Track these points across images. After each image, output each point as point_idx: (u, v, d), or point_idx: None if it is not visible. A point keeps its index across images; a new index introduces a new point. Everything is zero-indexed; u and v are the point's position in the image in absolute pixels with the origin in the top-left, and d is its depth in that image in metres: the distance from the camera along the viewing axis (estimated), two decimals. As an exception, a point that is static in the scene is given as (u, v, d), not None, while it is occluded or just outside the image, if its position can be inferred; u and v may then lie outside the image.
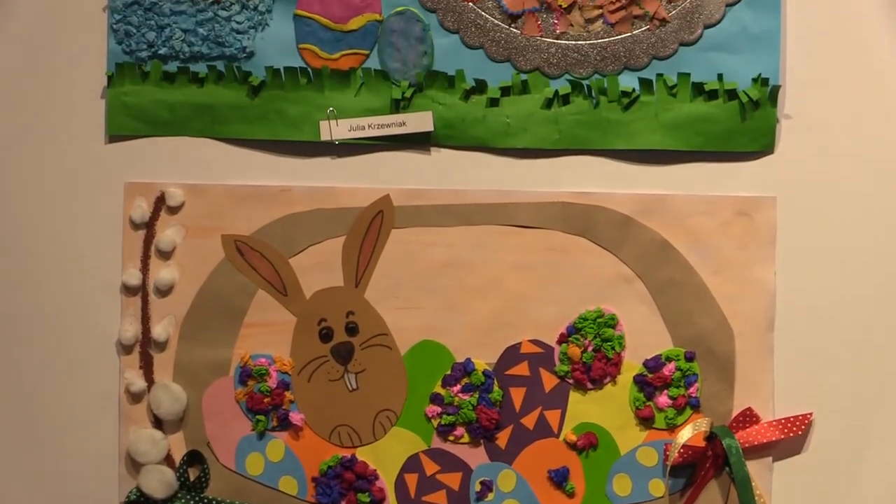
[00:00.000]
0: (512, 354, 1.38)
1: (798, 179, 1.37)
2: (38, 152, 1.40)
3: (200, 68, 1.39)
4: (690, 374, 1.36)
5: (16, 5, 1.39)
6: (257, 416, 1.38)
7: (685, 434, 1.34)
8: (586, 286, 1.38)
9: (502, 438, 1.37)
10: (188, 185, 1.39)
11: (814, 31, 1.37)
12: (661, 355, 1.37)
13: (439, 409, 1.37)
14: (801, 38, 1.37)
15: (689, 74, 1.37)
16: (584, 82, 1.38)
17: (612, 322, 1.37)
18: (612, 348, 1.37)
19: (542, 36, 1.38)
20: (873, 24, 1.36)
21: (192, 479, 1.37)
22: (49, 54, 1.39)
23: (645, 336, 1.37)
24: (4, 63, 1.40)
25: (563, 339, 1.38)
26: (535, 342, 1.38)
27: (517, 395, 1.37)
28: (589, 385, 1.37)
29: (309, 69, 1.38)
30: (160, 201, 1.39)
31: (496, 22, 1.38)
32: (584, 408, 1.37)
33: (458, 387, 1.37)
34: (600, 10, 1.37)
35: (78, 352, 1.39)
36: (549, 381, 1.37)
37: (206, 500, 1.37)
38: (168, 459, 1.38)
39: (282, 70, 1.38)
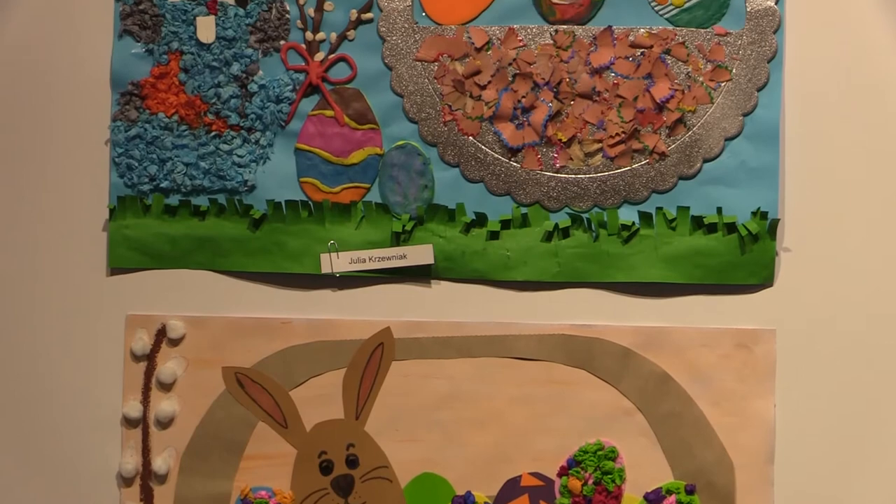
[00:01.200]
0: (512, 487, 1.38)
1: (797, 312, 1.37)
2: (40, 285, 1.40)
3: (202, 201, 1.39)
4: (691, 509, 1.36)
5: (19, 137, 1.40)
6: (257, 550, 1.38)
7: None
8: (586, 419, 1.38)
9: (503, 572, 1.38)
10: (189, 317, 1.39)
11: (812, 165, 1.37)
12: (661, 488, 1.37)
13: (440, 543, 1.38)
14: (800, 173, 1.38)
15: (688, 208, 1.37)
16: (584, 216, 1.38)
17: (613, 455, 1.37)
18: (613, 481, 1.37)
19: (541, 170, 1.38)
20: (871, 162, 1.37)
21: None
22: (51, 187, 1.40)
23: (645, 469, 1.37)
24: (6, 196, 1.40)
25: (563, 472, 1.38)
26: (536, 475, 1.38)
27: (518, 529, 1.37)
28: (589, 519, 1.37)
29: (310, 202, 1.39)
30: (161, 333, 1.39)
31: (496, 156, 1.38)
32: (584, 542, 1.37)
33: (459, 521, 1.37)
34: (600, 145, 1.38)
35: (79, 484, 1.39)
36: (549, 515, 1.37)
37: None
38: None
39: (283, 203, 1.39)
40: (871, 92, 1.38)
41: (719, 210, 1.37)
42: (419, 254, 1.38)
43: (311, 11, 1.39)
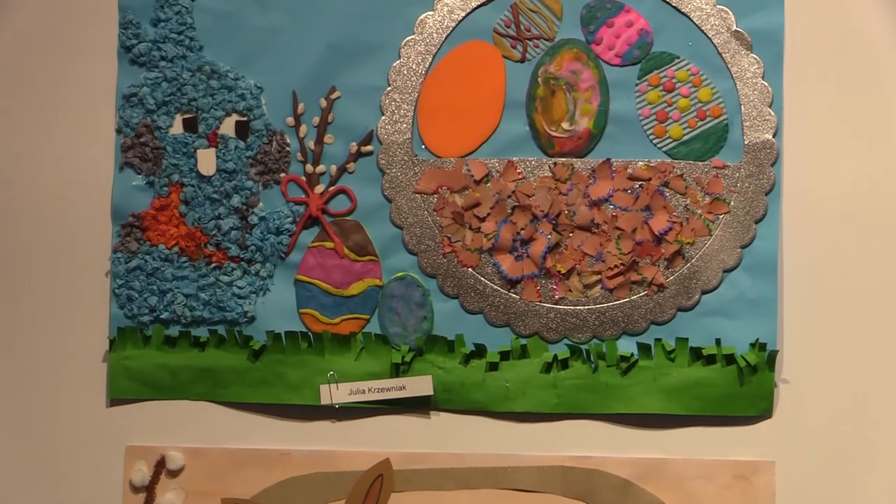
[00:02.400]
0: None
1: (796, 444, 1.38)
2: (41, 416, 1.40)
3: (202, 332, 1.40)
4: None
5: (21, 268, 1.40)
6: None
7: None
8: (586, 551, 1.38)
9: None
10: (189, 448, 1.39)
11: (810, 297, 1.38)
12: None
13: None
14: (799, 305, 1.38)
15: (687, 339, 1.38)
16: (583, 347, 1.39)
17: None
18: None
19: (541, 301, 1.39)
20: (869, 294, 1.38)
21: None
22: (52, 319, 1.40)
23: None
24: (7, 327, 1.40)
25: None
26: None
27: None
28: None
29: (310, 333, 1.39)
30: (160, 465, 1.39)
31: (496, 287, 1.39)
32: None
33: None
34: (599, 276, 1.39)
35: None
36: None
37: None
38: None
39: (283, 335, 1.39)
40: (868, 221, 1.38)
41: (718, 341, 1.37)
42: (418, 385, 1.38)
43: (311, 144, 1.40)
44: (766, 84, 1.38)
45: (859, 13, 1.39)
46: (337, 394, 1.38)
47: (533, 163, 1.39)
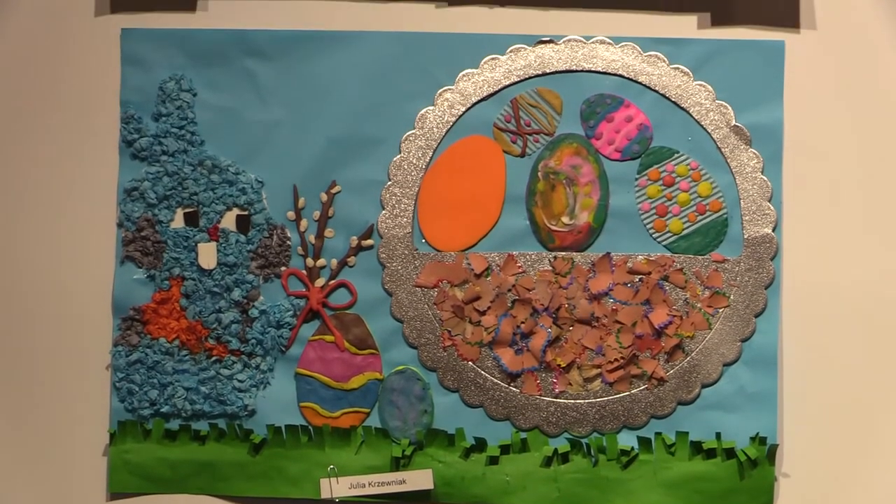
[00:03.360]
0: None
1: (797, 538, 1.38)
2: (39, 510, 1.41)
3: (202, 426, 1.40)
4: None
5: (21, 362, 1.41)
6: None
7: None
8: None
9: None
10: (188, 542, 1.40)
11: (810, 391, 1.38)
12: None
13: None
14: (799, 398, 1.38)
15: (687, 433, 1.38)
16: (583, 441, 1.39)
17: None
18: None
19: (541, 395, 1.39)
20: (869, 389, 1.38)
21: None
22: (52, 412, 1.41)
23: None
24: (6, 427, 1.41)
25: None
26: None
27: None
28: None
29: (310, 427, 1.40)
30: (160, 559, 1.39)
31: (496, 381, 1.39)
32: None
33: None
34: (599, 370, 1.39)
35: None
36: None
37: None
38: None
39: (283, 428, 1.39)
40: (868, 315, 1.39)
41: (718, 435, 1.37)
42: (419, 479, 1.38)
43: (311, 238, 1.40)
44: (765, 179, 1.39)
45: (858, 108, 1.39)
46: (337, 488, 1.38)
47: (533, 257, 1.39)
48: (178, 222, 1.40)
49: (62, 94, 1.41)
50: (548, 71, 1.40)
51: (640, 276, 1.39)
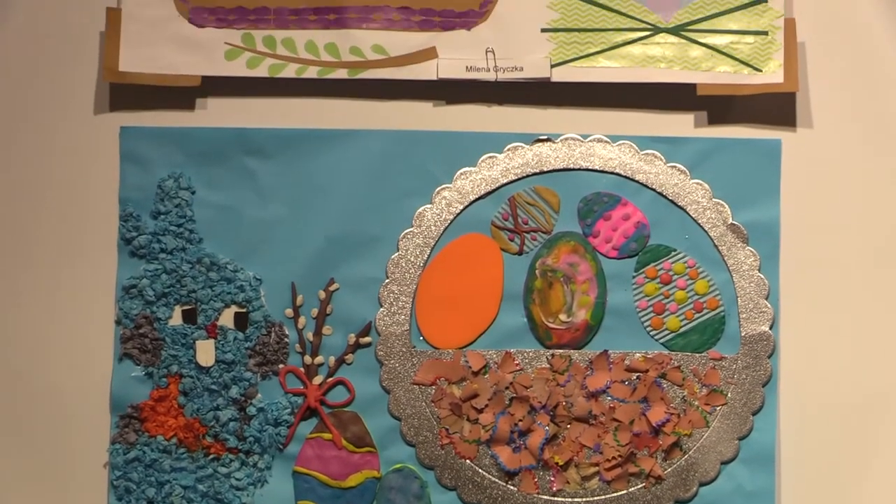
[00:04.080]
0: None
1: None
2: None
3: (200, 523, 1.40)
4: None
5: (23, 463, 1.41)
6: None
7: None
8: None
9: None
10: None
11: (808, 488, 1.38)
12: None
13: None
14: (796, 496, 1.39)
15: (685, 518, 1.38)
16: (582, 533, 1.39)
17: None
18: None
19: (538, 493, 1.39)
20: (867, 482, 1.38)
21: None
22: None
23: None
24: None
25: None
26: None
27: None
28: None
29: (307, 525, 1.40)
30: None
31: (493, 479, 1.39)
32: None
33: None
34: (596, 468, 1.39)
35: None
36: None
37: None
38: None
39: (281, 527, 1.39)
40: (865, 414, 1.39)
41: (717, 521, 1.38)
42: (416, 577, 1.38)
43: (309, 336, 1.40)
44: (762, 276, 1.39)
45: (854, 205, 1.40)
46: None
47: (531, 354, 1.39)
48: (177, 319, 1.40)
49: (61, 192, 1.42)
50: (545, 169, 1.40)
51: (637, 374, 1.39)
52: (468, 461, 1.39)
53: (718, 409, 1.38)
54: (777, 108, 1.40)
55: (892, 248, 1.41)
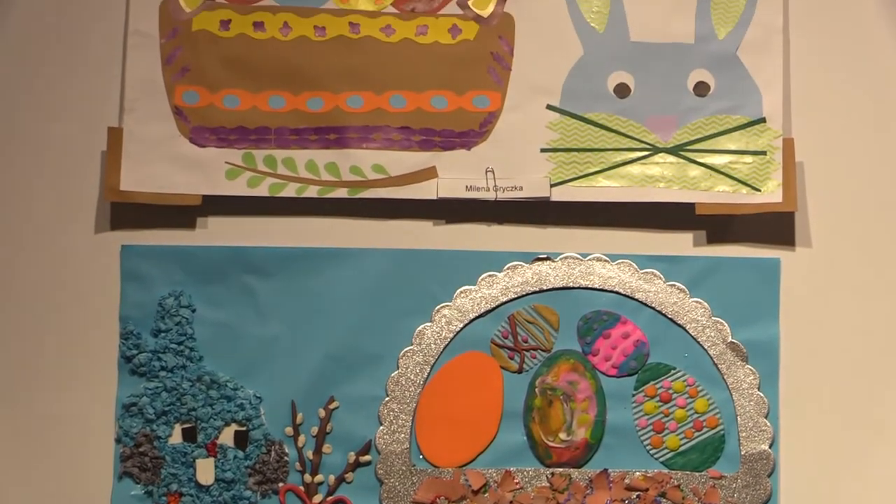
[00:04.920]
0: None
1: None
2: None
3: None
4: None
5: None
6: None
7: None
8: None
9: None
10: None
11: None
12: None
13: None
14: None
15: None
16: None
17: None
18: None
19: None
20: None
21: None
22: None
23: None
24: None
25: None
26: None
27: None
28: None
29: None
30: None
31: None
32: None
33: None
34: (597, 587, 1.39)
35: None
36: None
37: None
38: None
39: None
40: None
41: None
42: None
43: (309, 454, 1.40)
44: (762, 395, 1.39)
45: (853, 324, 1.41)
46: None
47: (530, 473, 1.39)
48: (177, 438, 1.40)
49: (62, 310, 1.42)
50: (545, 288, 1.41)
51: (637, 493, 1.39)
52: (467, 582, 1.39)
53: (719, 527, 1.39)
54: (776, 227, 1.41)
55: (890, 367, 1.41)
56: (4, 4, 1.44)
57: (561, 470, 1.40)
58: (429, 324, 1.41)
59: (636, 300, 1.41)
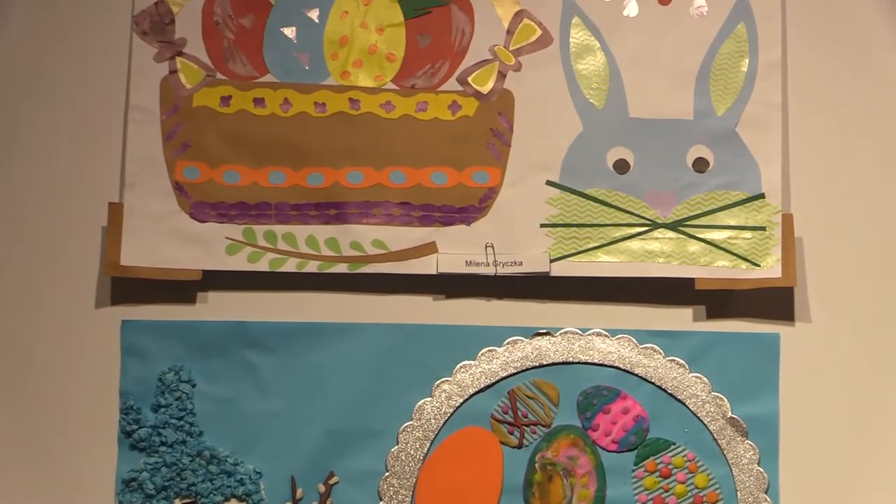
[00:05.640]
0: None
1: None
2: None
3: None
4: None
5: None
6: None
7: None
8: None
9: None
10: None
11: None
12: None
13: None
14: None
15: None
16: None
17: None
18: None
19: None
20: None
21: None
22: None
23: None
24: None
25: None
26: None
27: None
28: None
29: None
30: None
31: None
32: None
33: None
34: None
35: None
36: None
37: None
38: None
39: None
40: None
41: None
42: None
43: (309, 529, 1.40)
44: (761, 470, 1.39)
45: (854, 397, 1.41)
46: None
47: (531, 549, 1.40)
48: (177, 513, 1.41)
49: (62, 385, 1.42)
50: (545, 363, 1.41)
51: None
52: None
53: None
54: (775, 302, 1.41)
55: (891, 442, 1.41)
56: (4, 77, 1.44)
57: (563, 554, 1.40)
58: (429, 399, 1.41)
59: (636, 375, 1.41)
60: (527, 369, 1.41)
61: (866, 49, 1.43)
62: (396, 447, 1.40)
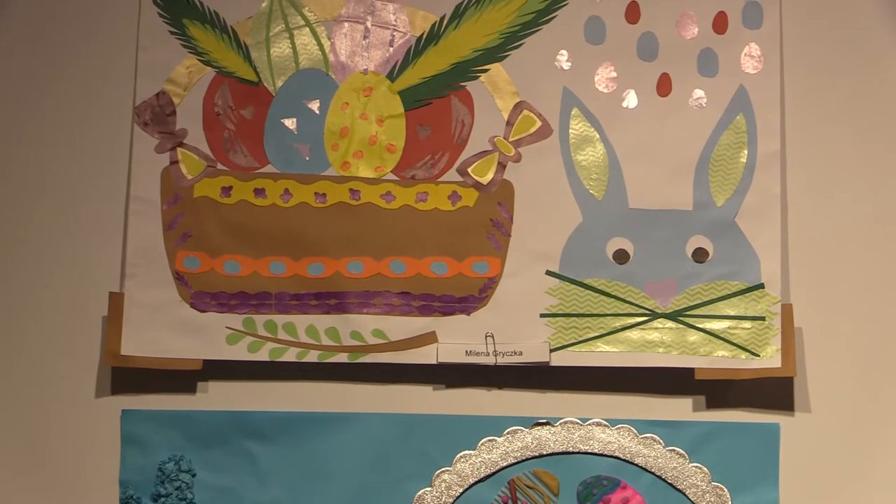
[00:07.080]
0: None
1: None
2: None
3: None
4: None
5: None
6: None
7: None
8: None
9: None
10: None
11: None
12: None
13: None
14: None
15: None
16: None
17: None
18: None
19: None
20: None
21: None
22: None
23: None
24: None
25: None
26: None
27: None
28: None
29: None
30: None
31: None
32: None
33: None
34: None
35: None
36: None
37: None
38: None
39: None
40: None
41: None
42: None
43: None
44: (763, 547, 1.39)
45: (851, 497, 1.41)
46: None
47: None
48: None
49: (62, 474, 1.43)
50: (545, 453, 1.41)
51: None
52: None
53: None
54: (775, 392, 1.41)
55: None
56: (7, 166, 1.45)
57: None
58: (429, 489, 1.41)
59: (636, 465, 1.41)
60: (527, 459, 1.41)
61: (867, 136, 1.44)
62: (397, 537, 1.41)
